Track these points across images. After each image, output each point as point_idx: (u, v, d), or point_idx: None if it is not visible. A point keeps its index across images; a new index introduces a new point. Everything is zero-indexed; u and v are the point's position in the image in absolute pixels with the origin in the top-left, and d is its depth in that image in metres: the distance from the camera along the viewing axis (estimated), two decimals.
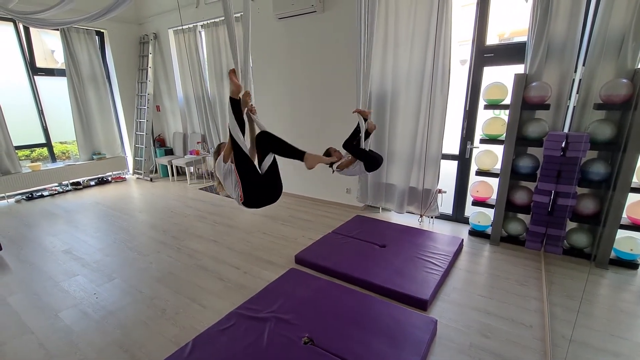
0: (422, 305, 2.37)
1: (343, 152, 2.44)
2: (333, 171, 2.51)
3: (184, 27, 5.36)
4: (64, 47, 5.32)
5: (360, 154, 2.37)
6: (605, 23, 2.62)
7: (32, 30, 5.10)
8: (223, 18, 4.90)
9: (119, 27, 5.93)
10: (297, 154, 1.73)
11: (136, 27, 6.21)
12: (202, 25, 5.32)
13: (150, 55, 6.02)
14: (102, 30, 5.83)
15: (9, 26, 4.90)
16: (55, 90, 5.51)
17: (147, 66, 6.07)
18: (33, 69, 5.20)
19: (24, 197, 5.15)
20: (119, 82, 6.13)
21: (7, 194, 5.01)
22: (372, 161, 2.42)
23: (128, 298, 2.60)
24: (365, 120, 2.36)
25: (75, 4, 3.03)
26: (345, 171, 2.47)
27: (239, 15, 4.77)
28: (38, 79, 5.28)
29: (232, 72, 1.79)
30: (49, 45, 5.66)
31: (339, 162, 2.37)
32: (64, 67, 5.43)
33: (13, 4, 3.36)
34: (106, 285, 2.79)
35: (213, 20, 5.05)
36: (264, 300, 2.38)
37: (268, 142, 1.76)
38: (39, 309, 2.48)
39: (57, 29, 5.20)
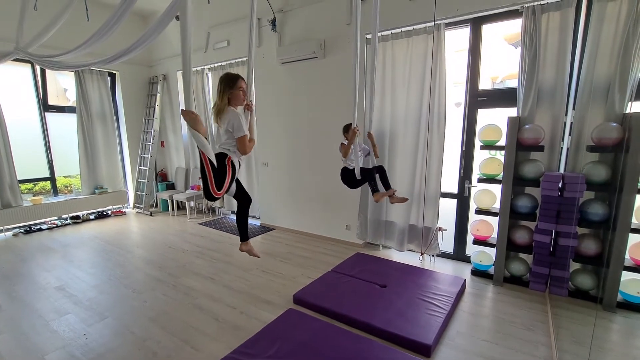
0: (425, 351, 2.27)
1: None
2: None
3: (192, 69, 5.64)
4: (77, 87, 5.57)
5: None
6: (591, 72, 2.78)
7: (47, 70, 5.37)
8: (229, 62, 5.20)
9: (130, 68, 6.25)
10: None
11: (147, 69, 6.55)
12: (209, 68, 5.61)
13: (158, 95, 6.29)
14: (114, 72, 6.15)
15: (27, 67, 5.18)
16: (64, 126, 5.68)
17: (155, 104, 6.32)
18: (45, 106, 5.41)
19: (22, 230, 5.12)
20: (126, 119, 6.35)
21: (6, 227, 4.98)
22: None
23: (119, 339, 2.50)
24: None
25: (92, 48, 3.23)
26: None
27: (242, 60, 5.07)
28: (48, 115, 5.47)
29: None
30: (62, 84, 5.94)
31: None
32: (75, 105, 5.65)
33: (33, 48, 3.59)
34: (97, 325, 2.69)
35: (220, 64, 5.34)
36: (260, 344, 2.29)
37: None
38: (25, 351, 2.38)
39: (72, 71, 5.48)
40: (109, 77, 6.09)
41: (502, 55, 3.99)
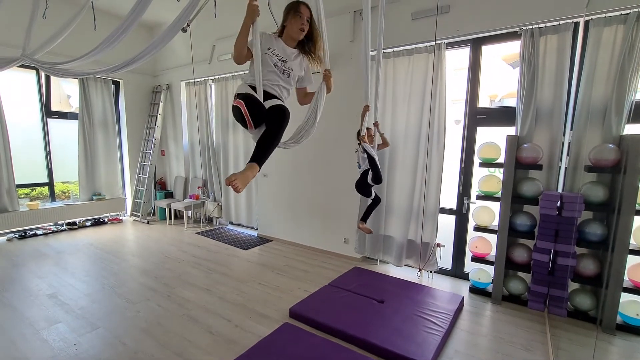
0: None
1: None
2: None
3: (196, 80, 5.72)
4: (80, 94, 5.62)
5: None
6: (588, 94, 2.83)
7: (52, 77, 5.42)
8: (233, 74, 5.27)
9: (134, 77, 6.32)
10: None
11: (151, 78, 6.63)
12: (212, 80, 5.68)
13: (161, 104, 6.34)
14: (118, 80, 6.21)
15: (32, 73, 5.23)
16: (65, 132, 5.70)
17: (157, 113, 6.36)
18: (47, 112, 5.43)
19: (17, 235, 5.06)
20: (128, 126, 6.38)
21: (0, 231, 4.93)
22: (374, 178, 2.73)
23: (110, 351, 2.44)
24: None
25: (98, 56, 3.28)
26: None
27: (246, 72, 5.13)
28: (51, 121, 5.49)
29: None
30: (66, 91, 5.99)
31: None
32: (77, 112, 5.68)
33: (39, 55, 3.64)
34: (88, 335, 2.63)
35: (223, 75, 5.41)
36: (254, 359, 2.24)
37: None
38: None
39: (77, 78, 5.53)
40: (112, 85, 6.15)
41: (501, 74, 4.07)
